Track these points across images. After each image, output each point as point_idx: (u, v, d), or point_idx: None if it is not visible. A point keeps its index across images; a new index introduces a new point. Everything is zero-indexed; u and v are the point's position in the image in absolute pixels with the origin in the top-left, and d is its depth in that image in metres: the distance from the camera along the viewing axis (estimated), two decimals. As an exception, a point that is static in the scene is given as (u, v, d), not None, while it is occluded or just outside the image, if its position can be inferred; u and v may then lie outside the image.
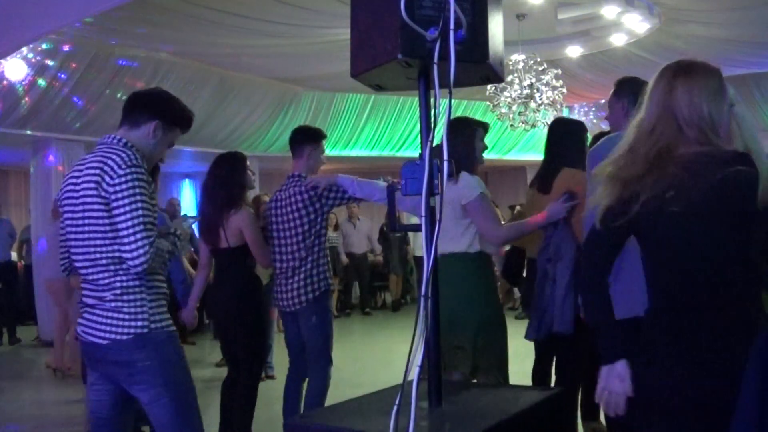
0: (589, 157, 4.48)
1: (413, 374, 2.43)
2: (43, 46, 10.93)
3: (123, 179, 3.43)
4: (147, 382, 3.50)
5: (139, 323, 3.48)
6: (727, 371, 2.50)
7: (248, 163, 5.75)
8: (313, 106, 15.83)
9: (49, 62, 11.29)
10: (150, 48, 11.89)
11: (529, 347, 5.64)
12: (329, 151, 15.73)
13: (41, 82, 11.41)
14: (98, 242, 3.49)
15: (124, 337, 3.46)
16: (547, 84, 12.44)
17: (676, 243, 2.65)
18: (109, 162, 3.46)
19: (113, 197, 3.42)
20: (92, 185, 3.46)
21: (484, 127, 4.91)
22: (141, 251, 3.42)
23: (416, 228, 2.94)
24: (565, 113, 16.05)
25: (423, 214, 2.77)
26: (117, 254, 3.47)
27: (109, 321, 3.48)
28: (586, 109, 18.01)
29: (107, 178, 3.44)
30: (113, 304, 3.48)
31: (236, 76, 13.87)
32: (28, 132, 12.20)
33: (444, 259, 4.34)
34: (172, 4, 9.47)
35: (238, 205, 5.54)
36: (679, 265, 2.66)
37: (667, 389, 2.63)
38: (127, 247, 3.42)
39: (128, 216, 3.42)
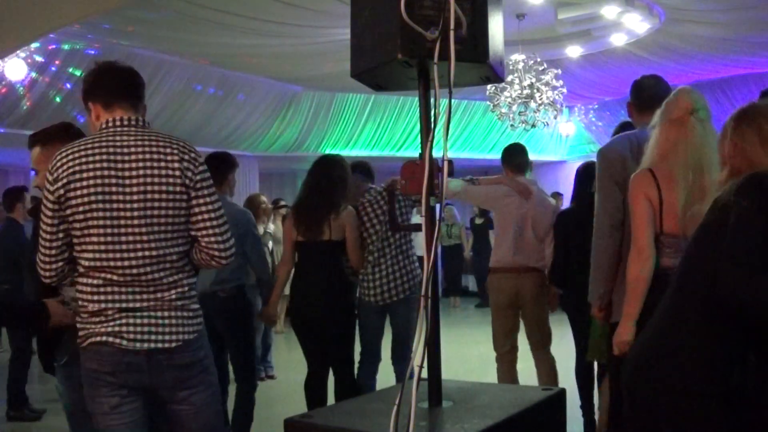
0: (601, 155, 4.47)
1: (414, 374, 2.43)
2: (43, 46, 10.93)
3: (205, 167, 3.32)
4: (206, 381, 3.38)
5: (199, 320, 3.34)
6: None
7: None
8: (313, 106, 15.83)
9: (49, 62, 11.29)
10: (150, 47, 11.89)
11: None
12: (329, 150, 15.75)
13: (41, 82, 11.42)
14: (169, 236, 3.24)
15: (193, 336, 3.29)
16: (547, 84, 12.44)
17: None
18: (190, 149, 3.30)
19: (198, 185, 3.26)
20: (176, 173, 3.22)
21: None
22: (231, 241, 3.35)
23: (417, 228, 2.94)
24: (565, 113, 16.05)
25: (423, 214, 2.77)
26: (185, 249, 3.31)
27: (177, 321, 3.25)
28: (586, 109, 18.01)
29: (192, 167, 3.26)
30: (180, 303, 3.27)
31: (236, 75, 13.87)
32: (28, 132, 12.16)
33: None
34: (172, 3, 9.47)
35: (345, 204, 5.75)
36: None
37: None
38: (220, 238, 3.30)
39: (217, 205, 3.31)
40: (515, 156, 6.43)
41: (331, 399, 5.84)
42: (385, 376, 6.08)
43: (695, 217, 3.38)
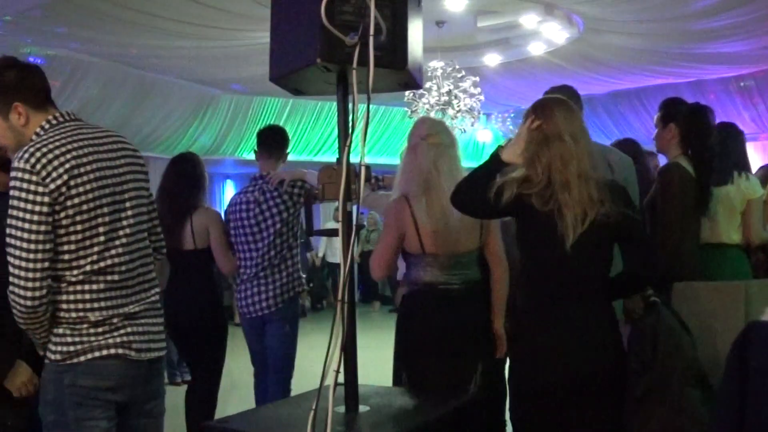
0: None
1: (330, 379, 2.43)
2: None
3: None
4: (164, 389, 3.34)
5: None
6: None
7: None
8: (231, 110, 15.70)
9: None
10: (67, 48, 11.68)
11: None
12: (246, 154, 15.65)
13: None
14: (147, 232, 3.20)
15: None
16: (465, 91, 12.52)
17: None
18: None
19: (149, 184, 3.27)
20: (144, 168, 3.23)
21: None
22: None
23: (334, 233, 2.94)
24: (482, 120, 16.18)
25: (339, 219, 2.77)
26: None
27: (162, 328, 3.20)
28: (503, 116, 18.18)
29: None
30: (159, 305, 3.24)
31: (154, 77, 13.69)
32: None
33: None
34: (90, 3, 9.31)
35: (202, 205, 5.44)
36: None
37: None
38: (162, 235, 3.35)
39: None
40: None
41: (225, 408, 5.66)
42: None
43: (443, 234, 3.93)
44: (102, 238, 2.96)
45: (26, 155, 2.88)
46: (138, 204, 3.11)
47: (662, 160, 5.34)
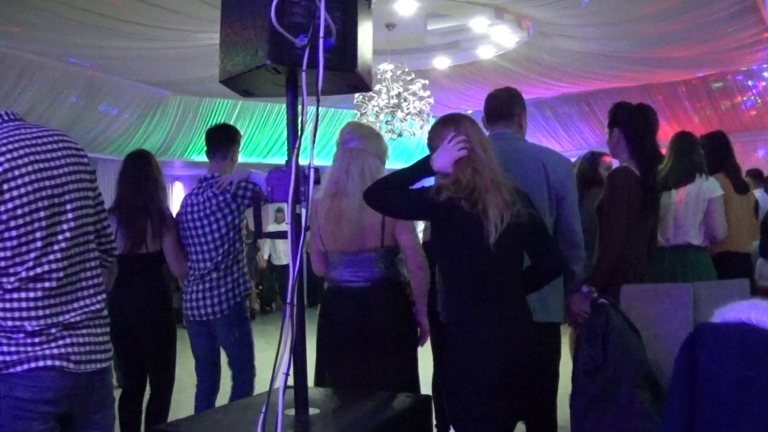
0: None
1: (279, 382, 2.42)
2: None
3: None
4: (112, 399, 3.17)
5: None
6: None
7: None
8: (180, 111, 15.62)
9: None
10: (15, 48, 11.54)
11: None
12: (195, 156, 15.56)
13: None
14: (91, 236, 3.01)
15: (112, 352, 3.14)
16: (414, 94, 12.56)
17: None
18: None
19: (96, 185, 3.11)
20: (89, 169, 3.05)
21: None
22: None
23: (283, 236, 2.93)
24: (431, 123, 16.23)
25: (289, 221, 2.76)
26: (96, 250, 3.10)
27: (106, 339, 3.05)
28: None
29: (91, 167, 3.11)
30: (104, 314, 3.06)
31: (103, 78, 13.57)
32: None
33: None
34: (37, 3, 9.20)
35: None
36: None
37: None
38: (113, 237, 3.22)
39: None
40: None
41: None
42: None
43: (335, 233, 4.22)
44: (39, 244, 2.79)
45: None
46: (81, 206, 2.93)
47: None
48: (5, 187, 2.73)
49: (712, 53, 12.44)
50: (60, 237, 2.84)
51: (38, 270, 2.78)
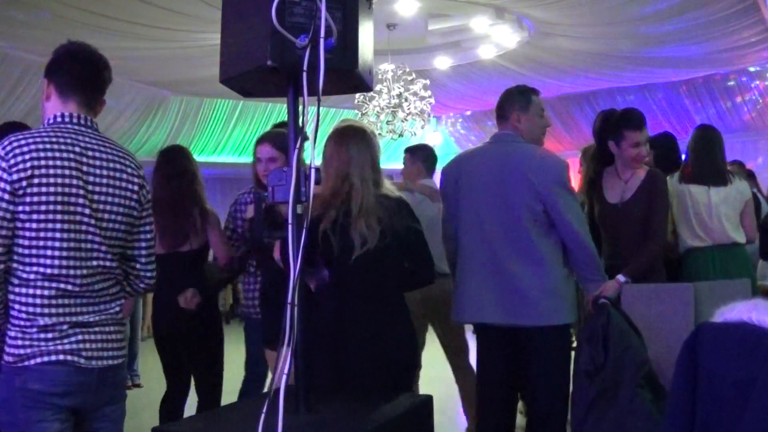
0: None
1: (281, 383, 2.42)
2: None
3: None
4: (124, 394, 3.29)
5: None
6: None
7: None
8: (181, 111, 15.60)
9: None
10: (16, 49, 11.54)
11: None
12: (196, 156, 15.54)
13: None
14: (118, 249, 3.15)
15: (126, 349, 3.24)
16: (415, 94, 12.56)
17: None
18: (139, 165, 3.35)
19: (147, 205, 3.28)
20: (134, 188, 3.22)
21: None
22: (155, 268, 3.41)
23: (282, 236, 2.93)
24: (432, 123, 16.24)
25: (290, 221, 2.76)
26: (120, 262, 3.21)
27: (120, 336, 3.17)
28: (453, 119, 18.26)
29: (146, 184, 3.31)
30: (120, 317, 3.18)
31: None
32: None
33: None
34: (43, 3, 9.21)
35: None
36: None
37: None
38: (152, 258, 3.31)
39: (153, 227, 3.36)
40: (432, 156, 6.59)
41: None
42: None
43: None
44: (57, 244, 2.93)
45: (5, 142, 2.95)
46: (110, 227, 3.08)
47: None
48: (35, 181, 2.91)
49: (712, 53, 12.43)
50: (83, 245, 2.99)
51: (54, 270, 2.93)
